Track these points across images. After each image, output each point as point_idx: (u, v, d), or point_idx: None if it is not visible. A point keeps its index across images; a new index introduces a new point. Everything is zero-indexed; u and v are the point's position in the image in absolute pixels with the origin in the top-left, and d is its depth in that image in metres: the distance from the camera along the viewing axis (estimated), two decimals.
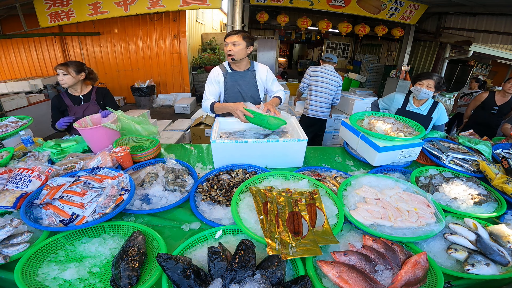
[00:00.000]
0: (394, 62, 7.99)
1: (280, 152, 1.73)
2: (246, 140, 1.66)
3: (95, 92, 2.32)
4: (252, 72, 2.22)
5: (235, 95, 2.22)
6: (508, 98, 3.14)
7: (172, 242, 1.17)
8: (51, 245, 1.07)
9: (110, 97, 2.42)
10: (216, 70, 2.19)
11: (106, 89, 2.43)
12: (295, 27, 6.95)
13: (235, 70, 2.19)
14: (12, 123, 2.11)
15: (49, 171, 1.46)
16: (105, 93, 2.39)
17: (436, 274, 1.00)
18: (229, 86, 2.19)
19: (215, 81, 2.18)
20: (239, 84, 2.21)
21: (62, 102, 2.22)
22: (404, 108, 2.37)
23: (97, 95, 2.32)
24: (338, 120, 4.43)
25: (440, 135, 2.26)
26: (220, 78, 2.18)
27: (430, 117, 2.28)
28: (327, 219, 1.19)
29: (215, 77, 2.17)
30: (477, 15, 5.06)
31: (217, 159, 1.71)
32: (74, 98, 2.25)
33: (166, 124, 5.01)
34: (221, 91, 2.23)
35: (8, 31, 6.65)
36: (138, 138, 2.00)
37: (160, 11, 4.83)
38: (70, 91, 2.25)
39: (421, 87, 2.18)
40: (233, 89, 2.21)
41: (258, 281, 0.85)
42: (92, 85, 2.35)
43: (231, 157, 1.71)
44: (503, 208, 1.41)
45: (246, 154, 1.71)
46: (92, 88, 2.33)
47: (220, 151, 1.68)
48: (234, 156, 1.71)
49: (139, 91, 7.41)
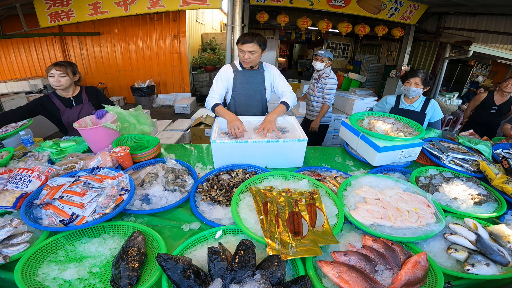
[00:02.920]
0: (394, 62, 7.99)
1: (280, 152, 1.73)
2: (246, 140, 1.66)
3: (85, 92, 2.21)
4: (261, 72, 2.24)
5: (243, 93, 2.26)
6: (507, 98, 3.14)
7: (172, 242, 1.17)
8: (51, 245, 1.07)
9: (103, 95, 2.38)
10: (227, 67, 2.21)
11: (96, 88, 2.34)
12: (295, 27, 6.95)
13: (246, 68, 2.21)
14: (12, 123, 2.11)
15: (49, 171, 1.46)
16: (96, 92, 2.29)
17: (436, 274, 1.00)
18: (238, 84, 2.22)
19: (225, 78, 2.19)
20: (248, 83, 2.23)
21: (52, 104, 2.10)
22: (398, 106, 2.41)
23: (88, 95, 2.21)
24: (338, 120, 4.42)
25: (438, 133, 2.28)
26: (230, 76, 2.20)
27: (423, 113, 2.34)
28: (327, 219, 1.19)
29: (225, 74, 2.19)
30: (477, 15, 5.06)
31: (217, 159, 1.71)
32: (65, 101, 2.13)
33: (166, 124, 5.00)
34: (229, 88, 2.26)
35: (8, 31, 6.64)
36: (138, 138, 2.00)
37: (160, 11, 4.82)
38: (60, 93, 2.12)
39: (409, 86, 2.26)
40: (242, 87, 2.23)
41: (258, 281, 0.85)
42: (80, 85, 2.23)
43: (231, 157, 1.71)
44: (503, 208, 1.41)
45: (246, 154, 1.71)
46: (81, 89, 2.21)
47: (220, 151, 1.67)
48: (234, 156, 1.70)
49: (139, 91, 7.41)
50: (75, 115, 2.13)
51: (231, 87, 2.24)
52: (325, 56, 2.98)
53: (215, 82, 2.20)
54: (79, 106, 2.17)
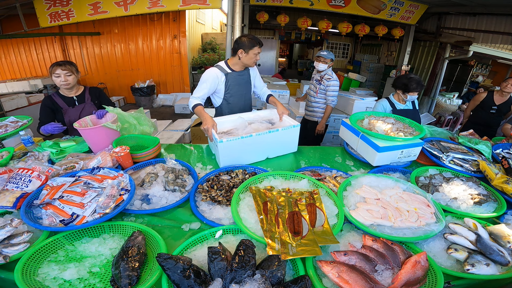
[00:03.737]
0: (394, 62, 7.98)
1: (279, 140, 1.88)
2: (251, 134, 1.72)
3: (89, 92, 2.24)
4: (248, 71, 2.27)
5: (236, 94, 2.24)
6: (507, 98, 3.14)
7: (172, 242, 1.17)
8: (51, 245, 1.07)
9: (105, 95, 2.39)
10: (214, 70, 2.11)
11: (99, 89, 2.37)
12: (295, 27, 6.94)
13: (235, 70, 2.18)
14: (12, 123, 2.11)
15: (49, 171, 1.46)
16: (99, 92, 2.32)
17: (436, 274, 1.00)
18: (231, 86, 2.19)
19: (214, 82, 2.12)
20: (240, 84, 2.23)
21: (55, 104, 2.13)
22: (396, 108, 2.48)
23: (91, 95, 2.24)
24: (338, 120, 4.42)
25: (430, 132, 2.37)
26: (221, 79, 2.14)
27: (416, 109, 2.49)
28: (327, 219, 1.19)
29: (214, 79, 2.11)
30: (477, 15, 5.05)
31: (223, 158, 1.73)
32: (68, 100, 2.15)
33: (166, 124, 5.00)
34: (219, 91, 2.21)
35: (8, 31, 6.64)
36: (138, 138, 2.00)
37: (160, 11, 4.82)
38: (63, 92, 2.15)
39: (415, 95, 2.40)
40: (235, 89, 2.22)
41: (258, 281, 0.85)
42: (84, 85, 2.27)
43: (237, 154, 1.75)
44: (503, 208, 1.41)
45: (250, 149, 1.78)
46: (85, 89, 2.25)
47: (227, 150, 1.70)
48: (240, 152, 1.75)
49: (139, 91, 7.40)
50: (76, 114, 2.15)
51: (222, 89, 2.19)
52: (328, 57, 2.98)
53: (200, 86, 2.11)
54: (81, 106, 2.19)
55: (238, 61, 2.13)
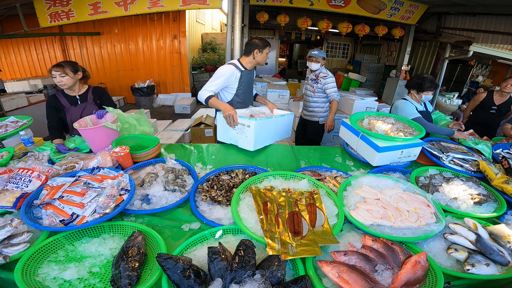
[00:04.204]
0: (394, 62, 7.98)
1: (283, 125, 2.17)
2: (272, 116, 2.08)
3: (92, 91, 2.26)
4: (253, 71, 2.46)
5: (246, 91, 2.43)
6: (507, 98, 3.14)
7: (172, 242, 1.17)
8: (51, 245, 1.07)
9: (107, 96, 2.39)
10: (230, 68, 2.26)
11: (102, 88, 2.38)
12: (295, 27, 6.95)
13: (247, 69, 2.35)
14: (12, 123, 2.11)
15: (49, 171, 1.46)
16: (101, 92, 2.34)
17: (436, 274, 1.00)
18: (244, 83, 2.36)
19: (230, 78, 2.26)
20: (249, 82, 2.42)
21: (58, 102, 2.16)
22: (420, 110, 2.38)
23: (93, 95, 2.26)
24: (338, 120, 4.42)
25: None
26: (237, 75, 2.30)
27: (428, 111, 2.46)
28: (327, 219, 1.19)
29: (231, 74, 2.26)
30: (477, 15, 5.05)
31: (256, 138, 1.93)
32: (71, 99, 2.19)
33: (166, 124, 5.00)
34: (232, 87, 2.34)
35: (8, 31, 6.64)
36: (138, 137, 2.00)
37: (160, 11, 4.82)
38: (67, 92, 2.19)
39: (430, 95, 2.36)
40: (245, 86, 2.39)
41: (258, 281, 0.85)
42: (88, 85, 2.29)
43: (265, 134, 2.03)
44: (503, 208, 1.41)
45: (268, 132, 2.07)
46: (89, 88, 2.27)
47: (259, 128, 1.91)
48: (266, 132, 2.03)
49: (139, 91, 7.40)
50: (78, 113, 2.17)
51: (235, 85, 2.33)
52: (319, 56, 3.01)
53: (214, 81, 2.23)
54: (83, 105, 2.21)
55: (252, 60, 2.30)
